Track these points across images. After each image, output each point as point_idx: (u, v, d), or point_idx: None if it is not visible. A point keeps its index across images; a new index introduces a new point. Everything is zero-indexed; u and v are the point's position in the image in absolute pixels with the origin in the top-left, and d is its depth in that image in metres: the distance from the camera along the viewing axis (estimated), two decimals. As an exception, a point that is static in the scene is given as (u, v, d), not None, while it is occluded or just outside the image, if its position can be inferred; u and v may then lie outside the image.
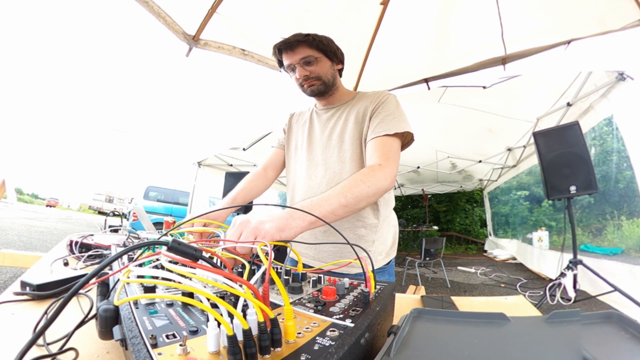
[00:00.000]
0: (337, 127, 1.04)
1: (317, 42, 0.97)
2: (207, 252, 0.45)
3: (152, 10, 1.72)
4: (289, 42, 0.96)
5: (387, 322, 0.50)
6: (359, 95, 1.09)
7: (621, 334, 0.35)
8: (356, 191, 0.75)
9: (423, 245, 4.38)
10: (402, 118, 0.96)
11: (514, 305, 0.81)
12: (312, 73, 1.00)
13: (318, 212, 0.68)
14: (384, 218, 1.02)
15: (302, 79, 1.01)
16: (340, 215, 0.74)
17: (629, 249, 4.05)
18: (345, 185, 0.76)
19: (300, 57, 0.97)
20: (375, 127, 0.94)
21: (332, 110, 1.09)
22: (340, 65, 1.08)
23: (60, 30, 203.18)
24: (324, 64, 1.01)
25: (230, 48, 2.09)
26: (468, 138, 4.91)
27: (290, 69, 1.01)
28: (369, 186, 0.77)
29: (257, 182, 1.14)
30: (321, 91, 1.04)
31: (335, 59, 1.03)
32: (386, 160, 0.86)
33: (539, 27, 1.95)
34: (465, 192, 9.75)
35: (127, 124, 15.38)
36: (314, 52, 0.98)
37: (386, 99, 1.00)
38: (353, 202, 0.75)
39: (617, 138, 4.14)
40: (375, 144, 0.91)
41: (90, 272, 0.32)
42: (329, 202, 0.71)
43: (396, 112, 0.96)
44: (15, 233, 6.97)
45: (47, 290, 0.68)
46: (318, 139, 1.08)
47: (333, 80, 1.05)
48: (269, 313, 0.30)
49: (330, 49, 1.00)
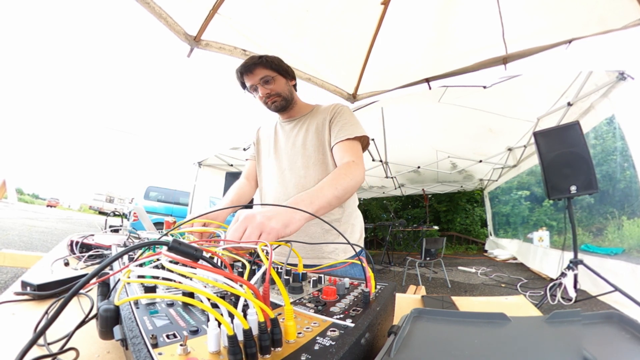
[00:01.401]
0: (299, 136, 1.16)
1: (270, 62, 1.09)
2: (208, 252, 0.45)
3: (153, 11, 1.72)
4: (247, 66, 1.08)
5: (388, 322, 0.50)
6: (316, 107, 1.23)
7: (622, 334, 0.35)
8: (344, 183, 0.84)
9: (423, 245, 4.38)
10: (358, 125, 1.09)
11: (514, 305, 0.81)
12: (272, 91, 1.12)
13: (318, 204, 0.74)
14: (349, 212, 1.13)
15: (265, 97, 1.12)
16: (334, 205, 0.81)
17: (630, 249, 4.04)
18: (334, 179, 0.85)
19: (259, 77, 1.09)
20: (337, 133, 1.07)
21: (293, 122, 1.22)
22: (294, 81, 1.20)
23: (61, 30, 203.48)
24: (280, 81, 1.13)
25: (231, 48, 2.09)
26: (468, 138, 4.90)
27: (253, 89, 1.13)
28: (352, 179, 0.87)
29: (244, 189, 1.27)
30: (283, 106, 1.16)
31: (288, 76, 1.16)
32: (358, 158, 0.99)
33: (540, 26, 1.95)
34: (465, 192, 9.74)
35: (127, 124, 15.38)
36: (270, 72, 1.10)
37: (341, 109, 1.14)
38: (342, 193, 0.83)
39: (618, 138, 4.13)
40: (342, 147, 1.03)
41: (91, 272, 0.32)
42: (323, 194, 0.78)
43: (352, 120, 1.10)
44: (16, 233, 6.98)
45: (47, 290, 0.68)
46: (283, 147, 1.20)
47: (291, 95, 1.18)
48: (270, 313, 0.30)
49: (282, 68, 1.13)
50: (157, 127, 7.05)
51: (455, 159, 5.91)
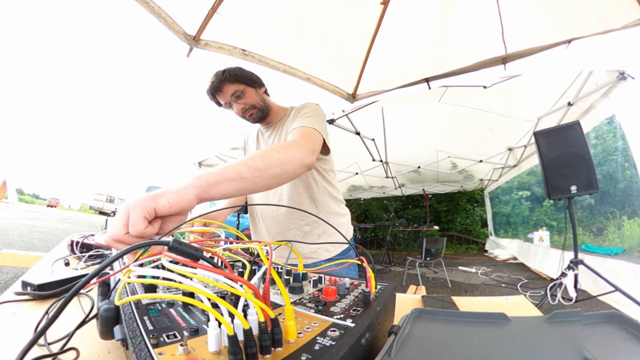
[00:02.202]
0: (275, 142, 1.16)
1: (234, 76, 1.08)
2: (208, 252, 0.45)
3: (152, 10, 1.72)
4: (215, 85, 1.07)
5: (388, 322, 0.50)
6: (289, 110, 1.21)
7: (622, 334, 0.35)
8: (266, 155, 0.71)
9: (424, 245, 4.38)
10: (318, 120, 1.00)
11: (514, 305, 0.81)
12: (245, 104, 1.11)
13: (214, 177, 0.59)
14: (327, 213, 1.12)
15: (241, 112, 1.12)
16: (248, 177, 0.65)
17: (631, 248, 4.04)
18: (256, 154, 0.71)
19: (229, 94, 1.09)
20: (294, 123, 1.01)
21: (270, 128, 1.22)
22: (263, 88, 1.18)
23: (61, 30, 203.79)
24: (250, 93, 1.12)
25: (230, 48, 2.09)
26: (469, 138, 4.90)
27: (228, 106, 1.12)
28: (279, 152, 0.74)
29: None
30: (260, 117, 1.17)
31: (256, 84, 1.14)
32: (303, 138, 0.89)
33: (540, 26, 1.95)
34: (466, 192, 9.74)
35: (127, 124, 15.38)
36: (237, 85, 1.09)
37: (306, 105, 1.11)
38: (262, 166, 0.68)
39: (619, 137, 4.13)
40: (294, 131, 0.95)
41: (91, 272, 0.32)
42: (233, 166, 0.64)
43: (313, 114, 1.04)
44: (16, 233, 6.98)
45: (48, 290, 0.68)
46: None
47: (265, 104, 1.17)
48: (270, 313, 0.30)
49: (247, 78, 1.11)
50: (157, 127, 7.05)
51: (455, 159, 5.91)
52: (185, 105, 7.09)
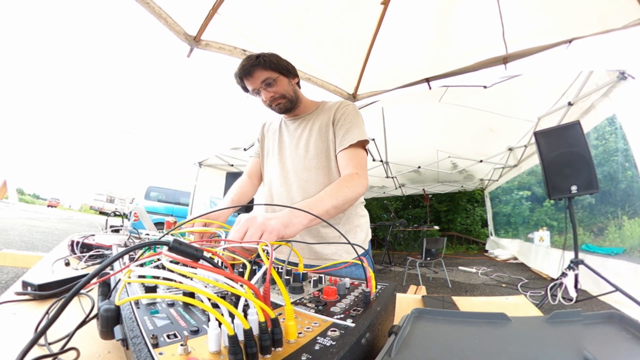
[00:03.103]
0: (303, 137, 1.13)
1: (269, 62, 1.03)
2: (208, 252, 0.45)
3: (153, 11, 1.72)
4: (246, 69, 1.02)
5: (388, 322, 0.50)
6: (321, 105, 1.18)
7: (622, 334, 0.35)
8: (343, 194, 0.86)
9: (424, 245, 4.37)
10: (361, 127, 1.06)
11: (515, 305, 0.81)
12: (275, 93, 1.07)
13: (316, 211, 0.75)
14: (350, 214, 1.11)
15: (269, 100, 1.08)
16: (332, 214, 0.84)
17: (631, 249, 4.04)
18: (334, 189, 0.86)
19: (260, 80, 1.04)
20: (342, 139, 1.03)
21: (298, 120, 1.17)
22: (297, 79, 1.15)
23: (61, 30, 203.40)
24: (282, 82, 1.07)
25: (231, 48, 2.09)
26: (469, 138, 4.90)
27: (255, 92, 1.08)
28: (352, 191, 0.89)
29: (245, 188, 1.23)
30: (288, 108, 1.12)
31: (290, 74, 1.10)
32: (361, 170, 0.98)
33: (540, 26, 1.95)
34: (466, 192, 9.74)
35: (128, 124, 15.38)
36: (270, 73, 1.04)
37: (346, 109, 1.09)
38: (341, 203, 0.85)
39: (619, 137, 4.12)
40: (346, 155, 1.01)
41: (92, 272, 0.32)
42: (323, 203, 0.81)
43: (356, 121, 1.06)
44: (17, 233, 6.99)
45: (48, 290, 0.68)
46: (287, 147, 1.17)
47: (296, 95, 1.12)
48: (270, 313, 0.30)
49: (283, 66, 1.06)
50: (158, 127, 7.03)
51: (455, 159, 5.91)
52: (185, 106, 7.10)
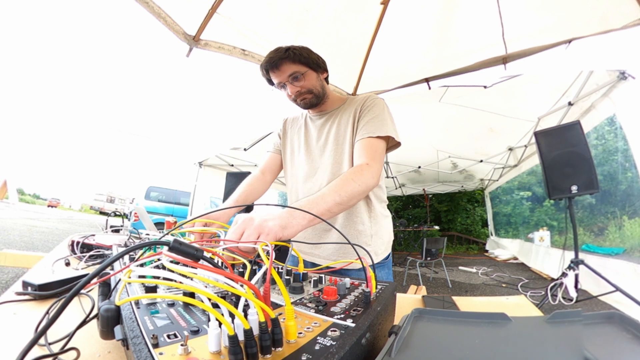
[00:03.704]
0: (331, 132, 1.08)
1: (298, 56, 0.98)
2: (209, 252, 0.45)
3: (152, 10, 1.72)
4: (273, 61, 0.97)
5: (388, 322, 0.50)
6: (349, 100, 1.13)
7: (623, 334, 0.35)
8: (348, 189, 0.80)
9: (424, 245, 4.37)
10: (387, 122, 0.99)
11: (515, 305, 0.81)
12: (302, 88, 1.02)
13: (316, 210, 0.71)
14: (377, 213, 1.08)
15: (294, 95, 1.04)
16: (336, 212, 0.79)
17: (632, 248, 4.04)
18: (338, 184, 0.80)
19: (287, 74, 0.99)
20: (361, 129, 0.99)
21: (325, 116, 1.13)
22: (325, 73, 1.10)
23: (60, 30, 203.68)
24: (311, 77, 1.03)
25: (230, 48, 2.09)
26: (469, 138, 4.90)
27: (281, 86, 1.03)
28: (359, 184, 0.83)
29: (256, 185, 1.17)
30: (314, 103, 1.07)
31: (319, 69, 1.05)
32: (372, 160, 0.91)
33: (540, 26, 1.95)
34: (466, 192, 9.73)
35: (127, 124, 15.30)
36: (299, 67, 0.99)
37: (373, 102, 1.05)
38: (346, 199, 0.79)
39: (620, 137, 4.12)
40: (361, 145, 0.96)
41: (92, 272, 0.32)
42: (324, 201, 0.75)
43: (381, 115, 1.00)
44: (17, 233, 6.99)
45: (48, 290, 0.68)
46: (315, 144, 1.13)
47: (323, 90, 1.08)
48: (270, 313, 0.30)
49: (312, 60, 1.01)
50: (158, 127, 7.05)
51: (456, 159, 5.91)
52: (186, 105, 7.10)
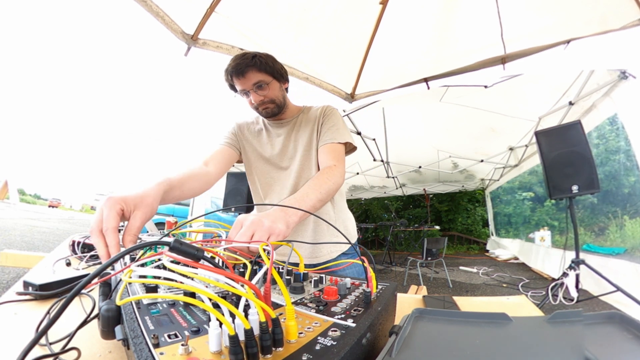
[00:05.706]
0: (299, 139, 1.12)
1: (264, 65, 0.99)
2: (209, 252, 0.45)
3: (150, 9, 1.72)
4: (239, 67, 0.97)
5: (389, 322, 0.50)
6: (305, 109, 1.18)
7: (624, 334, 0.35)
8: (326, 187, 0.89)
9: (425, 245, 4.37)
10: (346, 130, 1.10)
11: (516, 305, 0.81)
12: (266, 97, 1.03)
13: (305, 207, 0.77)
14: (339, 209, 1.16)
15: (257, 104, 1.04)
16: (318, 208, 0.86)
17: (632, 248, 4.03)
18: (316, 183, 0.88)
19: (252, 82, 1.00)
20: (324, 135, 1.07)
21: (284, 126, 1.15)
22: (287, 84, 1.13)
23: (61, 30, 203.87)
24: (274, 87, 1.04)
25: (229, 47, 2.09)
26: (470, 137, 4.90)
27: (243, 93, 1.04)
28: (333, 182, 0.92)
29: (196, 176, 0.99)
30: (275, 113, 1.09)
31: (282, 79, 1.08)
32: (338, 162, 1.01)
33: (539, 26, 1.94)
34: (467, 192, 9.72)
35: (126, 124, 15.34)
36: (264, 76, 1.00)
37: (331, 112, 1.12)
38: (325, 196, 0.88)
39: (621, 137, 4.11)
40: (326, 149, 1.04)
41: (93, 272, 0.32)
42: (309, 198, 0.82)
43: (339, 124, 1.09)
44: (18, 233, 7.00)
45: (49, 290, 0.68)
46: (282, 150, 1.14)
47: (284, 101, 1.10)
48: (271, 313, 0.30)
49: (277, 70, 1.03)
50: (158, 127, 7.05)
51: (456, 159, 5.90)
52: (184, 105, 7.08)
